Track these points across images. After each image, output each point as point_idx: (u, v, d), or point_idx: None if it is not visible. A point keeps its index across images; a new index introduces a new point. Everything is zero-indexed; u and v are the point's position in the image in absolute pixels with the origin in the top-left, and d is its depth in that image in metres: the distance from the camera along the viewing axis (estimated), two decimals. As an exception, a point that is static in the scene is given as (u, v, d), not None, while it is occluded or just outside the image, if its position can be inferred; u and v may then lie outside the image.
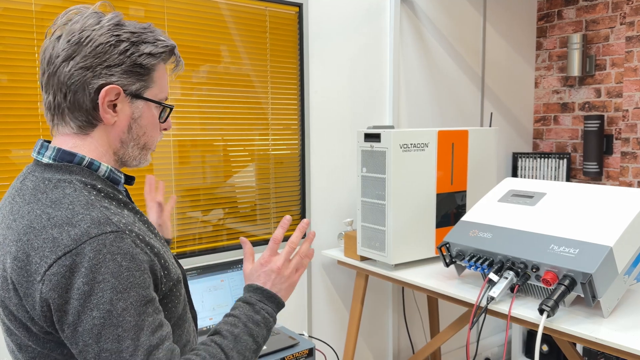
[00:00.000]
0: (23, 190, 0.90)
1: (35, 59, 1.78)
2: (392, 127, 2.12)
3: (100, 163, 0.94)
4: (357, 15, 2.55)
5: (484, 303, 1.68)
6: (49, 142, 0.96)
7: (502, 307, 1.64)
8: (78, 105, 0.91)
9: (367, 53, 2.61)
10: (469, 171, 2.23)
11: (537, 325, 1.56)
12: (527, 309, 1.63)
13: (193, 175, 2.14)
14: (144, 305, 0.83)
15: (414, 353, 2.95)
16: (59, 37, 0.91)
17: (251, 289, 1.02)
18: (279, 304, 1.02)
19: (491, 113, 2.37)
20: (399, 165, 2.02)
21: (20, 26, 1.74)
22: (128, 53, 0.91)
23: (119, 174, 0.97)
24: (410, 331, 2.95)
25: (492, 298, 1.64)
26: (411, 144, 2.05)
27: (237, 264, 2.01)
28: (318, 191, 2.51)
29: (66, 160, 0.92)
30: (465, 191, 2.24)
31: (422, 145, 2.08)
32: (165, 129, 1.03)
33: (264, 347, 1.75)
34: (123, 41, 0.91)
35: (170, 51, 0.97)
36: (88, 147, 0.94)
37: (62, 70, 0.89)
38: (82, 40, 0.89)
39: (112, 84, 0.90)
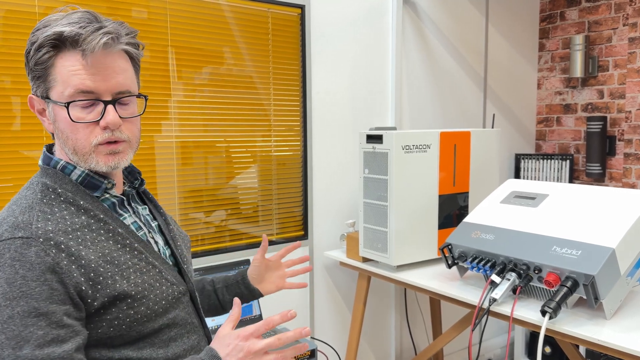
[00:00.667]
0: None
1: (39, 60, 1.78)
2: (394, 128, 2.12)
3: (74, 167, 0.93)
4: (359, 17, 2.56)
5: (486, 305, 1.67)
6: (52, 146, 1.00)
7: (505, 309, 1.64)
8: None
9: (369, 54, 2.62)
10: (471, 172, 2.23)
11: (539, 327, 1.55)
12: (529, 311, 1.62)
13: (196, 177, 2.15)
14: (34, 317, 0.79)
15: (416, 354, 2.95)
16: None
17: (210, 354, 0.90)
18: None
19: (493, 114, 2.37)
20: (401, 166, 2.02)
21: (23, 28, 1.74)
22: (29, 57, 0.90)
23: (99, 179, 0.94)
24: (413, 332, 2.95)
25: (495, 299, 1.64)
26: (413, 146, 2.05)
27: (239, 265, 2.01)
28: (320, 192, 2.51)
29: (45, 163, 0.95)
30: (467, 192, 2.23)
31: (425, 147, 2.08)
32: (105, 127, 0.91)
33: (266, 348, 1.75)
34: (28, 46, 0.90)
35: (58, 39, 0.86)
36: (63, 153, 0.96)
37: None
38: None
39: (31, 93, 0.94)
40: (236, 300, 0.98)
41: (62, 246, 0.84)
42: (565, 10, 3.25)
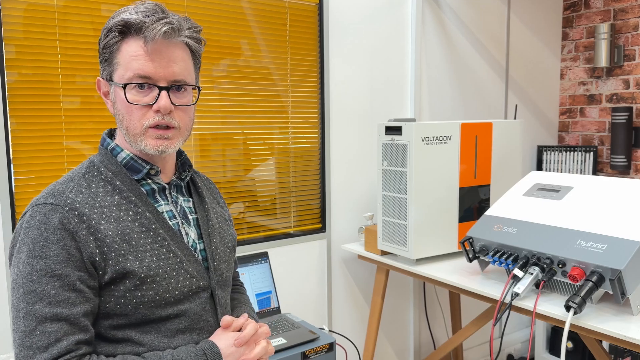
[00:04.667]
0: None
1: (57, 52, 1.79)
2: (413, 119, 2.09)
3: (122, 150, 1.00)
4: (378, 6, 2.52)
5: (508, 299, 1.64)
6: (113, 131, 1.07)
7: (527, 304, 1.61)
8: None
9: (388, 44, 2.58)
10: (493, 164, 2.19)
11: (563, 322, 1.52)
12: (553, 306, 1.59)
13: (214, 169, 2.14)
14: (49, 277, 0.86)
15: (435, 348, 2.92)
16: None
17: (212, 349, 0.96)
18: None
19: (516, 105, 2.32)
20: (420, 158, 1.99)
21: (43, 20, 1.75)
22: (100, 41, 0.97)
23: (141, 163, 0.99)
24: (432, 326, 2.92)
25: (517, 294, 1.61)
26: (433, 137, 2.01)
27: (257, 257, 2.00)
28: (338, 185, 2.49)
29: (101, 144, 1.03)
30: (489, 185, 2.19)
31: (445, 138, 2.04)
32: (157, 111, 0.94)
33: (285, 341, 1.75)
34: (101, 33, 0.97)
35: (124, 25, 0.92)
36: (119, 135, 1.02)
37: None
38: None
39: (100, 75, 1.00)
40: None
41: (84, 217, 0.90)
42: (590, -2, 3.16)
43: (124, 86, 0.93)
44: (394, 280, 2.74)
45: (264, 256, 2.02)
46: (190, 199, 1.08)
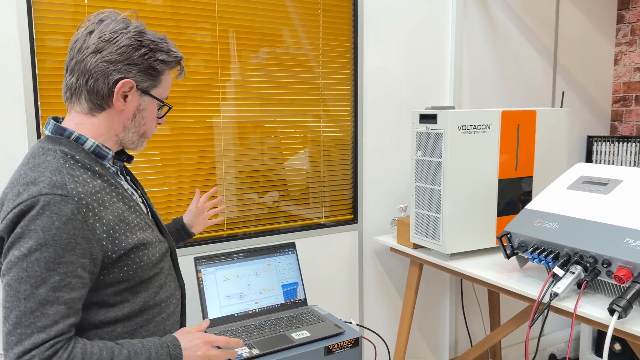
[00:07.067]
0: (26, 155, 1.09)
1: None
2: (452, 108, 1.99)
3: (87, 139, 1.09)
4: (416, -11, 2.41)
5: (546, 299, 1.54)
6: (58, 118, 1.15)
7: (567, 305, 1.50)
8: (96, 91, 1.08)
9: (426, 29, 2.47)
10: (536, 156, 2.06)
11: (606, 327, 1.41)
12: (595, 308, 1.48)
13: (252, 157, 2.12)
14: (57, 264, 0.95)
15: (472, 345, 2.82)
16: (91, 32, 1.08)
17: (175, 342, 1.10)
18: None
19: (562, 92, 2.17)
20: (456, 148, 1.89)
21: (73, 7, 1.76)
22: (146, 57, 1.10)
23: (106, 150, 1.12)
24: (469, 323, 2.82)
25: (556, 294, 1.50)
26: (471, 126, 1.91)
27: (284, 248, 1.96)
28: (371, 175, 2.41)
29: (58, 133, 1.09)
30: (531, 177, 2.07)
31: (484, 127, 1.93)
32: (159, 124, 1.21)
33: (308, 334, 1.70)
34: (143, 46, 1.10)
35: (178, 62, 1.16)
36: (89, 125, 1.11)
37: (90, 60, 1.07)
38: (111, 39, 1.07)
39: (128, 78, 1.09)
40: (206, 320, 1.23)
41: (90, 207, 1.00)
42: (650, -23, 2.94)
43: (170, 107, 1.18)
44: (429, 273, 2.65)
45: (291, 247, 1.98)
46: (129, 177, 1.27)
